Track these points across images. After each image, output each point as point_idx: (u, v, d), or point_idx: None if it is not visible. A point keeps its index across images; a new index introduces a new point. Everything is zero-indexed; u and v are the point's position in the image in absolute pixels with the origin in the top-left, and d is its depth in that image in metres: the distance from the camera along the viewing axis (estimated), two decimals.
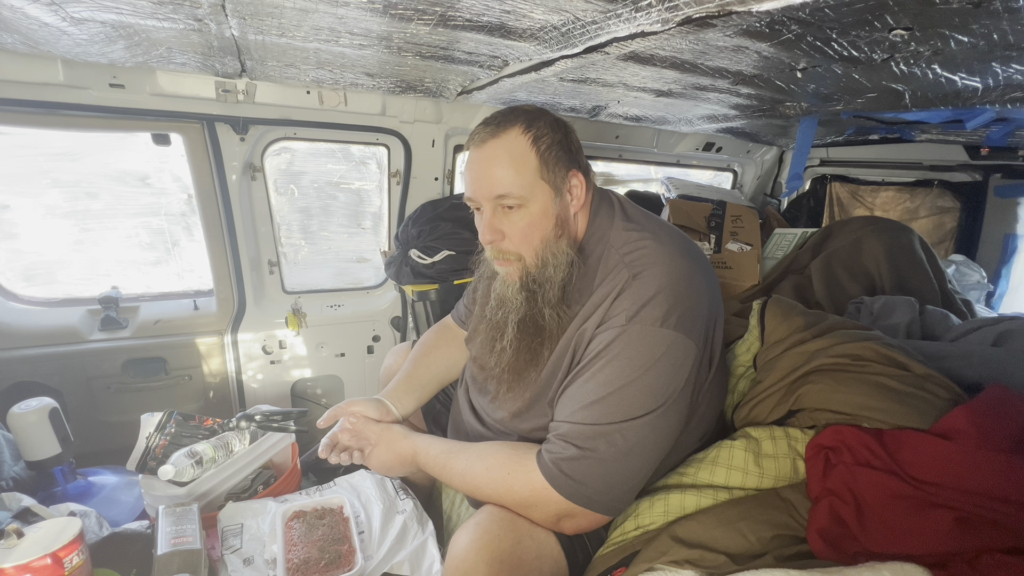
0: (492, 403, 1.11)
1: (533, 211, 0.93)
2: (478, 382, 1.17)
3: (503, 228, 0.95)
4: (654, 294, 0.88)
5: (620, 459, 0.87)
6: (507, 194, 0.92)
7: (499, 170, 0.92)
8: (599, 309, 0.92)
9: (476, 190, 0.95)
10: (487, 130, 0.94)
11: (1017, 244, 2.17)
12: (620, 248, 0.95)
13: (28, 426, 1.33)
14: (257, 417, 1.41)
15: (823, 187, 2.62)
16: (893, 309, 1.47)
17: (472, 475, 0.96)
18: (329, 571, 1.01)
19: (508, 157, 0.92)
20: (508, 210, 0.94)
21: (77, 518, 0.94)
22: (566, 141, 0.96)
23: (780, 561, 0.85)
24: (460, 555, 0.85)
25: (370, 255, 2.19)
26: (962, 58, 0.85)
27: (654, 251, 0.93)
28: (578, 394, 0.91)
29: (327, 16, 0.89)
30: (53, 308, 1.72)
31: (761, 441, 1.02)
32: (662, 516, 0.96)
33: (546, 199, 0.94)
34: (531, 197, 0.93)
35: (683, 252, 0.95)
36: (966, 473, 0.84)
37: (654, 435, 0.89)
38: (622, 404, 0.87)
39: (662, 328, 0.87)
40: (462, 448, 1.02)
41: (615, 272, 0.93)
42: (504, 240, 0.96)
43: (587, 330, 0.93)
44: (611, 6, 0.74)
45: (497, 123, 0.94)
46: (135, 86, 1.45)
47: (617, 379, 0.87)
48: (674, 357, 0.88)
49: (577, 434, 0.88)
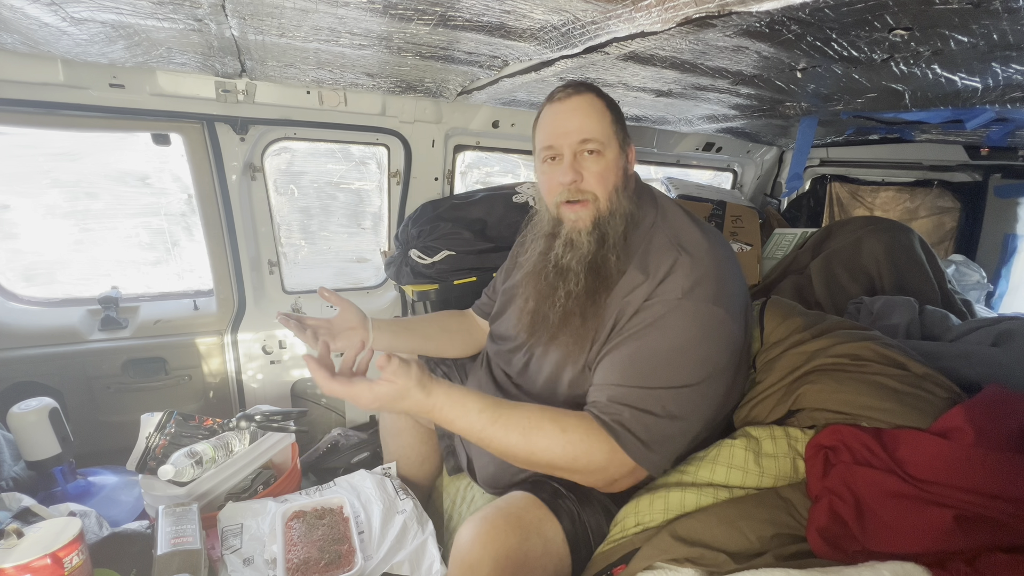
0: (534, 364, 1.13)
1: (608, 158, 1.02)
2: (505, 354, 1.21)
3: (583, 171, 1.02)
4: (705, 274, 0.95)
5: (677, 421, 0.91)
6: (591, 138, 1.01)
7: (584, 118, 1.01)
8: (646, 283, 0.98)
9: (559, 136, 1.03)
10: (568, 89, 1.04)
11: (1017, 244, 2.17)
12: (669, 229, 1.04)
13: (28, 426, 1.33)
14: (257, 417, 1.42)
15: (823, 187, 2.62)
16: (893, 309, 1.47)
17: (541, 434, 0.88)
18: (329, 571, 1.01)
19: (591, 108, 1.02)
20: (587, 156, 1.02)
21: (77, 518, 0.94)
22: (621, 115, 1.08)
23: (780, 560, 0.85)
24: (466, 547, 0.85)
25: (370, 255, 2.19)
26: (962, 58, 0.85)
27: (703, 238, 1.01)
28: (633, 360, 0.94)
29: (327, 16, 0.89)
30: (53, 308, 1.72)
31: (761, 440, 1.02)
32: (662, 514, 0.96)
33: (616, 151, 1.04)
34: (608, 145, 1.02)
35: (724, 244, 1.06)
36: (965, 472, 0.84)
37: (704, 401, 0.96)
38: (678, 370, 0.92)
39: (714, 306, 0.94)
40: (515, 405, 0.92)
41: (665, 250, 1.00)
42: (583, 181, 1.03)
43: (632, 301, 0.98)
44: (611, 6, 0.74)
45: (576, 85, 1.05)
46: (135, 86, 1.45)
47: (673, 347, 0.93)
48: (724, 331, 0.95)
49: (635, 397, 0.91)
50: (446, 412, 0.87)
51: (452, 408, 0.87)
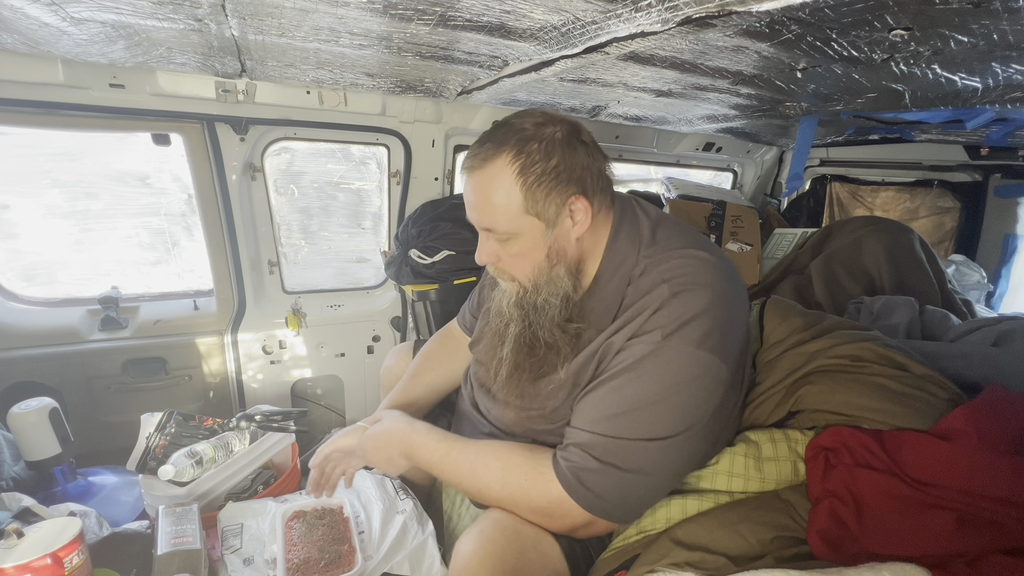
0: (496, 405, 1.09)
1: (522, 243, 0.91)
2: (484, 384, 1.15)
3: (498, 251, 0.94)
4: (695, 315, 0.84)
5: (641, 476, 0.85)
6: (492, 229, 0.91)
7: (485, 205, 0.90)
8: (632, 323, 0.88)
9: (470, 216, 0.95)
10: (477, 157, 0.90)
11: (1017, 244, 2.17)
12: (659, 266, 0.91)
13: (28, 426, 1.33)
14: (257, 417, 1.42)
15: (823, 187, 2.62)
16: (893, 309, 1.47)
17: (484, 472, 0.92)
18: (329, 571, 1.01)
19: (492, 192, 0.88)
20: (500, 240, 0.93)
21: (77, 518, 0.94)
22: (564, 164, 0.87)
23: (780, 562, 0.85)
24: (463, 564, 0.84)
25: (370, 255, 2.19)
26: (962, 58, 0.85)
27: (699, 271, 0.89)
28: (602, 404, 0.87)
29: (327, 16, 0.89)
30: (53, 308, 1.72)
31: (761, 445, 1.02)
32: (664, 523, 0.96)
33: (535, 232, 0.89)
34: (517, 231, 0.90)
35: (728, 276, 0.92)
36: (966, 474, 0.84)
37: (678, 456, 0.86)
38: (648, 421, 0.84)
39: (698, 350, 0.83)
40: (470, 442, 0.98)
41: (654, 291, 0.89)
42: (500, 262, 0.95)
43: (616, 342, 0.89)
44: (611, 6, 0.74)
45: (486, 151, 0.88)
46: (135, 86, 1.45)
47: (646, 395, 0.84)
48: (707, 380, 0.85)
49: (598, 445, 0.85)
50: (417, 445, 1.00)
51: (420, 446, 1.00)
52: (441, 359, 1.30)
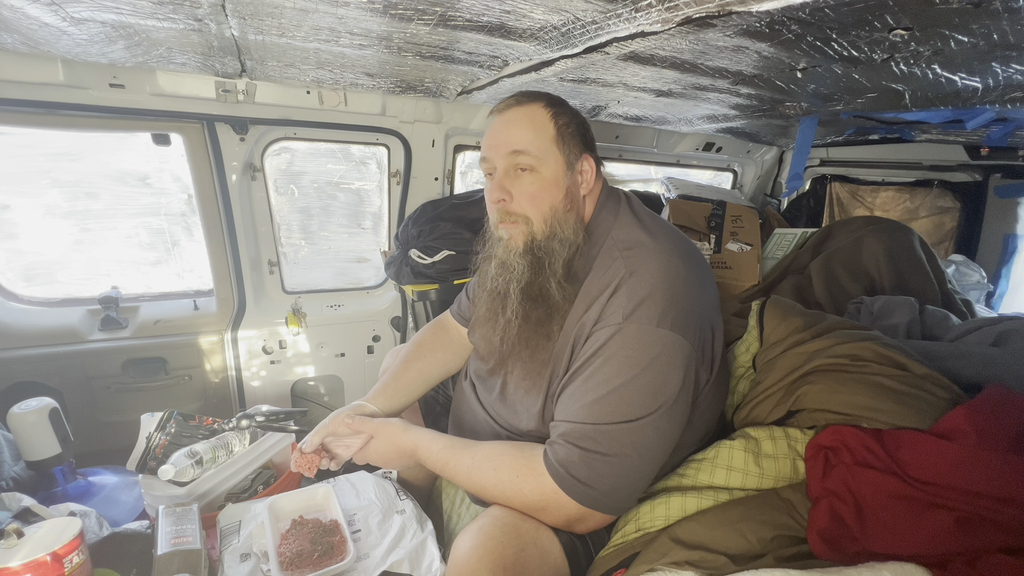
0: (501, 400, 1.09)
1: (544, 176, 0.96)
2: (484, 378, 1.16)
3: (512, 189, 0.97)
4: (649, 293, 0.89)
5: (623, 459, 0.87)
6: (522, 151, 0.95)
7: (518, 130, 0.96)
8: (596, 304, 0.93)
9: (492, 148, 0.98)
10: (511, 100, 0.99)
11: (1017, 244, 2.17)
12: (621, 242, 0.97)
13: (28, 426, 1.33)
14: (257, 417, 1.42)
15: (823, 187, 2.62)
16: (893, 309, 1.47)
17: (479, 474, 0.95)
18: (323, 563, 1.01)
19: (529, 120, 0.96)
20: (520, 172, 0.96)
21: (77, 518, 0.94)
22: (583, 128, 1.01)
23: (780, 562, 0.85)
24: (463, 559, 0.84)
25: (370, 255, 2.19)
26: (962, 58, 0.85)
27: (650, 250, 0.94)
28: (578, 392, 0.91)
29: (327, 16, 0.89)
30: (53, 308, 1.72)
31: (760, 441, 1.02)
32: (663, 521, 0.96)
33: (558, 168, 0.97)
34: (544, 160, 0.96)
35: (679, 253, 0.95)
36: (966, 473, 0.84)
37: (657, 435, 0.89)
38: (622, 403, 0.87)
39: (658, 328, 0.87)
40: (466, 446, 1.00)
41: (614, 265, 0.94)
42: (512, 201, 0.97)
43: (586, 324, 0.93)
44: (611, 6, 0.74)
45: (522, 96, 1.00)
46: (135, 86, 1.45)
47: (615, 377, 0.87)
48: (670, 356, 0.88)
49: (580, 434, 0.88)
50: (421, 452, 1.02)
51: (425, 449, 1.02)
52: (434, 347, 1.31)
